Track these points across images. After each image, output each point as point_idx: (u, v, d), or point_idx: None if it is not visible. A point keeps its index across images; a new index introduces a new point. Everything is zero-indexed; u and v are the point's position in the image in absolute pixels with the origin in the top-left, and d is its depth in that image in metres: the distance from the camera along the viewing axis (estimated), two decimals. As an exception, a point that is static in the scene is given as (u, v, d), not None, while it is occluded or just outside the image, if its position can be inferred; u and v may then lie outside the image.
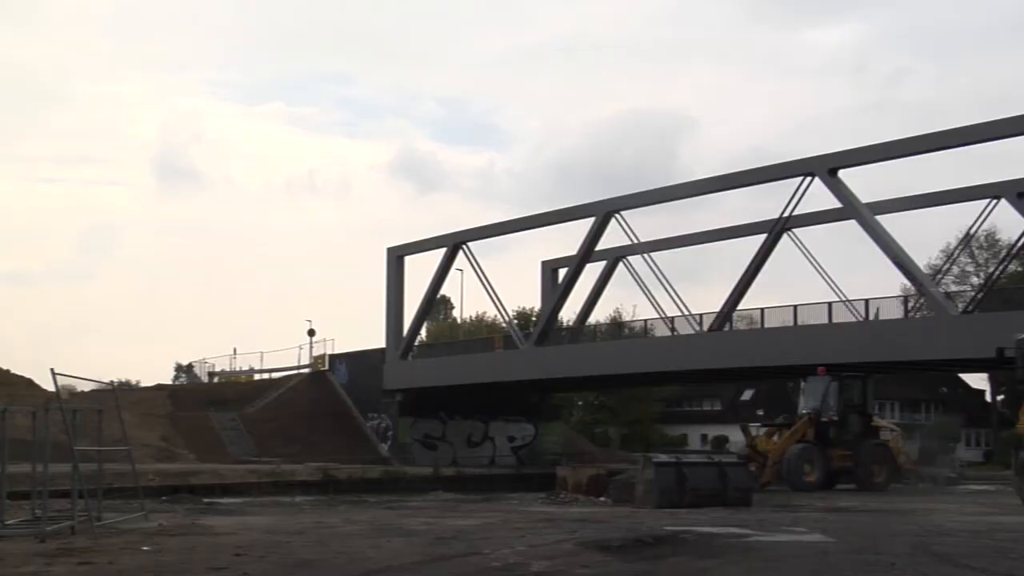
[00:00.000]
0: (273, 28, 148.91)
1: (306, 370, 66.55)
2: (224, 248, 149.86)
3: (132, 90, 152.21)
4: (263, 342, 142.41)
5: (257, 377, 70.96)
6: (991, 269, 55.71)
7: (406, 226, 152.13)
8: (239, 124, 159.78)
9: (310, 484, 39.96)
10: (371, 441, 57.36)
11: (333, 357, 63.69)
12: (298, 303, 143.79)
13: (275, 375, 68.46)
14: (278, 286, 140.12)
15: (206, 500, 29.87)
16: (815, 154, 40.35)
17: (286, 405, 58.95)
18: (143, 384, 75.79)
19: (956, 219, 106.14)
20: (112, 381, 45.45)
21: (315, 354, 66.75)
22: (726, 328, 44.53)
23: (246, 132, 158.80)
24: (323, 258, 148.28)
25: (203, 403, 58.61)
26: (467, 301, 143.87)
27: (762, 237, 44.01)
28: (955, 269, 66.59)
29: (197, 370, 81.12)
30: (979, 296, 37.60)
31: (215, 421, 55.37)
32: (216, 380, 74.58)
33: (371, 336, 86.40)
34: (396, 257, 57.85)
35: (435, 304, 70.03)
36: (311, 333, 68.80)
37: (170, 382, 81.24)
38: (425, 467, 49.32)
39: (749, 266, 43.95)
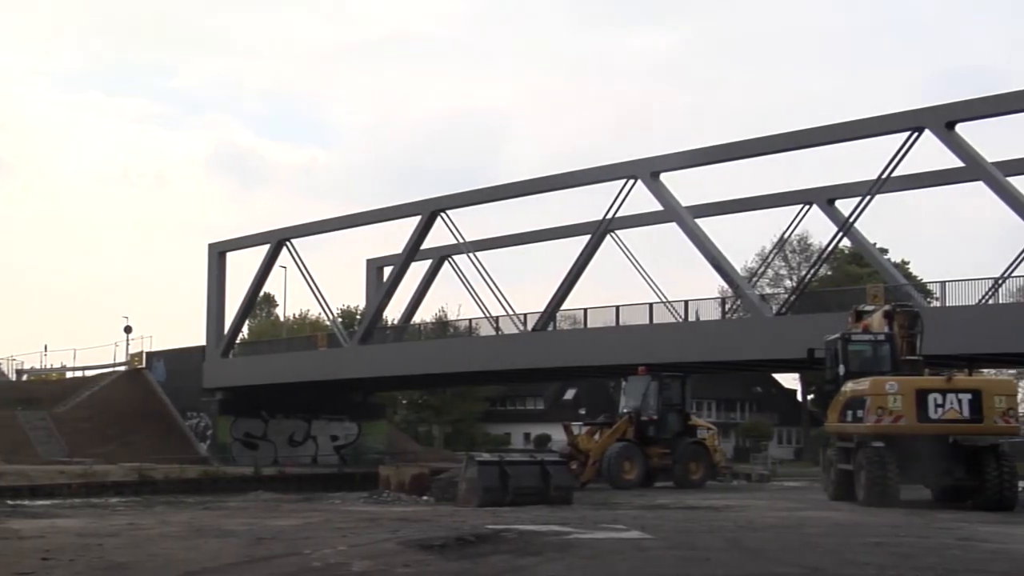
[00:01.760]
0: (92, 14, 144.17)
1: (122, 368, 64.87)
2: (34, 241, 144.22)
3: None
4: (76, 339, 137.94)
5: (69, 375, 68.93)
6: (803, 272, 57.82)
7: (228, 222, 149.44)
8: (51, 112, 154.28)
9: (124, 485, 39.10)
10: (190, 441, 56.21)
11: (150, 355, 62.28)
12: (114, 299, 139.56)
13: (89, 373, 66.63)
14: (92, 281, 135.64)
15: (11, 503, 28.89)
16: (638, 157, 41.27)
17: (100, 404, 57.37)
18: (-55, 382, 72.46)
19: (771, 224, 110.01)
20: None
21: (132, 351, 65.21)
22: (550, 328, 45.01)
23: (58, 121, 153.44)
24: (141, 253, 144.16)
25: (11, 402, 56.66)
26: (291, 299, 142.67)
27: (586, 238, 44.66)
28: (770, 272, 69.16)
29: (4, 367, 77.91)
30: (792, 299, 38.85)
31: (23, 420, 53.51)
32: (25, 378, 72.11)
33: (191, 334, 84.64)
34: (218, 253, 56.77)
35: (258, 302, 69.05)
36: (127, 330, 67.51)
37: (-25, 380, 77.87)
38: (246, 467, 48.74)
39: (573, 266, 44.54)
